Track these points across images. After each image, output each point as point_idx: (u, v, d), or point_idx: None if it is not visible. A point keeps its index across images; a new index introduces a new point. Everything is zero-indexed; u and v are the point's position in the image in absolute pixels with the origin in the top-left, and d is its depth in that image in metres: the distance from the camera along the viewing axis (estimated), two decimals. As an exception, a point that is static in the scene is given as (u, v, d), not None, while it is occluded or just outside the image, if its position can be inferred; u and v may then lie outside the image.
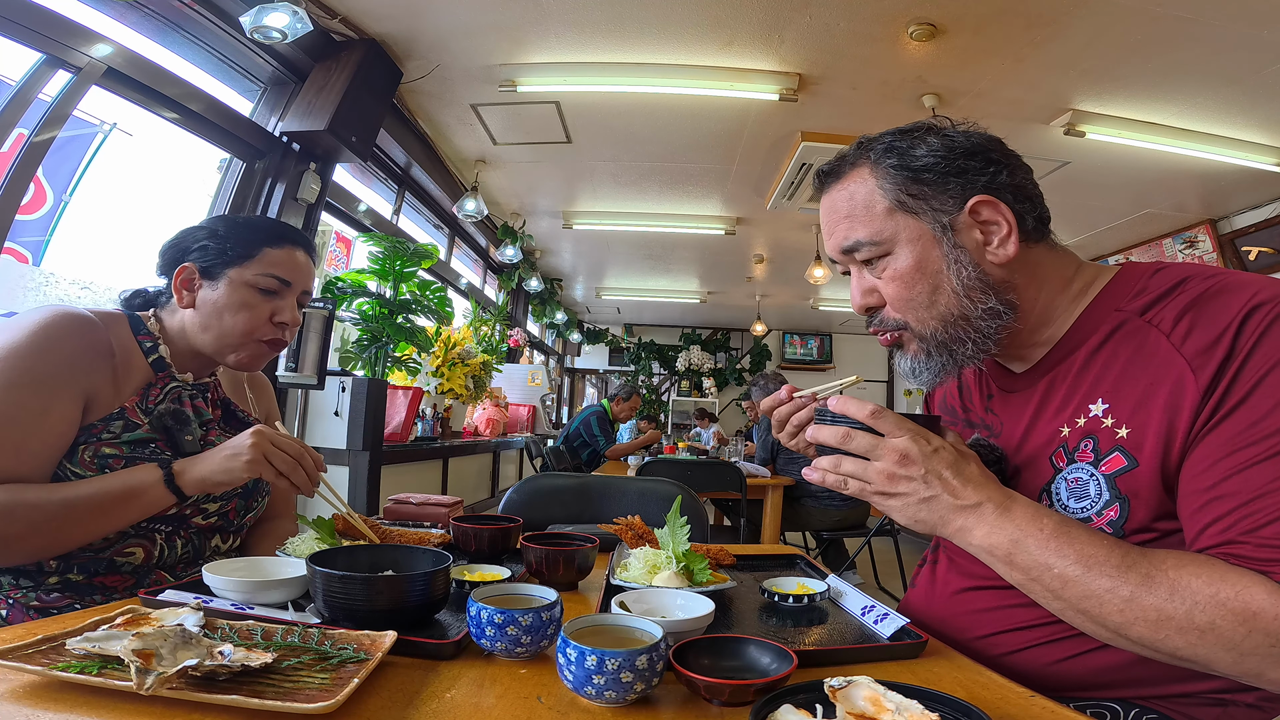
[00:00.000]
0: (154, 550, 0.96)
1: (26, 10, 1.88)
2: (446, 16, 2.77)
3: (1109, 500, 0.71)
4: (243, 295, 1.04)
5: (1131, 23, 2.58)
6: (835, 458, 0.73)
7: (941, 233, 0.77)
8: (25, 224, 2.18)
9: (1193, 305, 0.68)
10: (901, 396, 9.70)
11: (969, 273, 0.76)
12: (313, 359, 2.58)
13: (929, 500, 0.69)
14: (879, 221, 0.78)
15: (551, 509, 1.53)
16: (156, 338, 1.04)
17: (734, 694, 0.55)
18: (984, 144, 0.79)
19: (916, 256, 0.77)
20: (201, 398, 1.10)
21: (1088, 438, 0.73)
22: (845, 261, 0.84)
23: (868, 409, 0.71)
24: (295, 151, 2.87)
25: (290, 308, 1.08)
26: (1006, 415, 0.86)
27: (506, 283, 6.07)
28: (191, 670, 0.52)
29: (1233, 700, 0.70)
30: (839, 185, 0.82)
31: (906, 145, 0.78)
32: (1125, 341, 0.73)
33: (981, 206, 0.76)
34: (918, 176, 0.77)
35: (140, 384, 1.00)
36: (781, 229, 5.29)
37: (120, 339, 0.99)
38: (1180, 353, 0.67)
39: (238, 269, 1.04)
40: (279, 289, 1.07)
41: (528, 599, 0.72)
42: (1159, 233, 4.92)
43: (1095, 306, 0.78)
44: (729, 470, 3.31)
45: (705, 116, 3.51)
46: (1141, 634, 0.60)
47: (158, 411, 1.00)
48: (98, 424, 0.93)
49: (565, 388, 9.69)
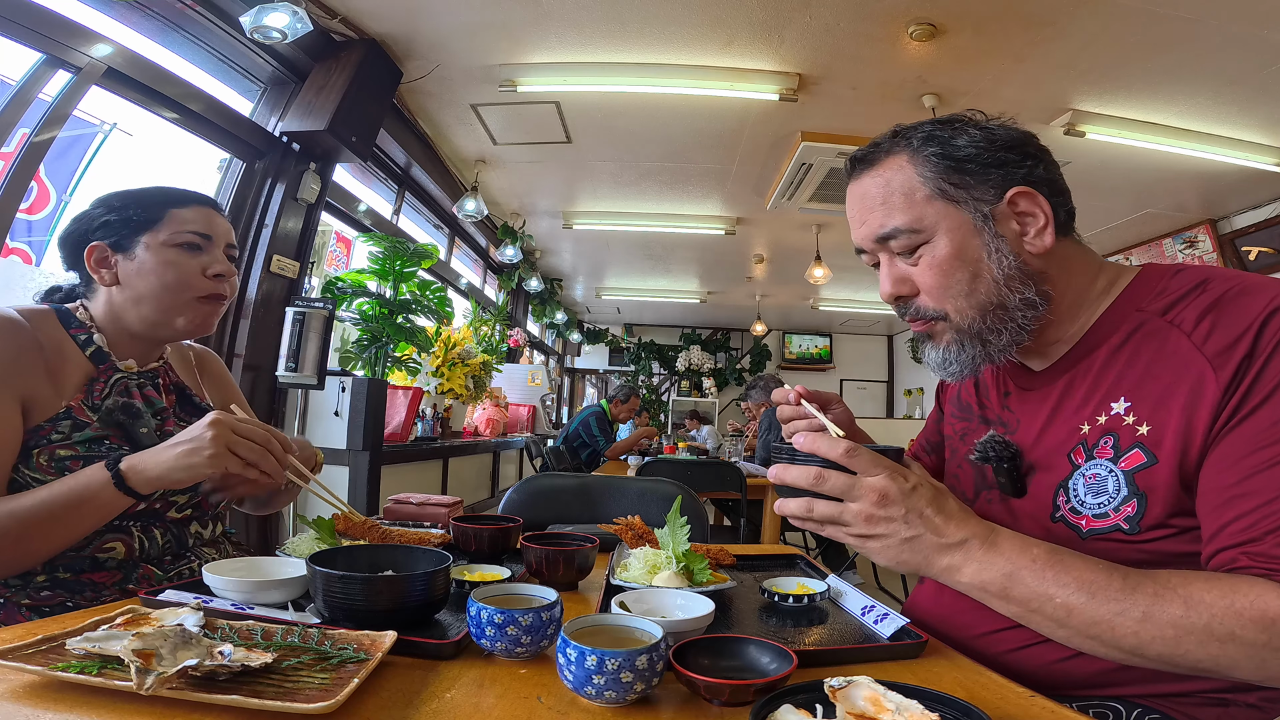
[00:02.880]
0: (133, 544, 0.94)
1: (26, 10, 1.88)
2: (446, 16, 2.77)
3: (1127, 496, 0.71)
4: (165, 255, 0.99)
5: (1131, 23, 2.58)
6: (805, 501, 0.69)
7: (982, 222, 0.77)
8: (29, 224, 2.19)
9: (1214, 306, 0.69)
10: (901, 396, 9.70)
11: (1009, 262, 0.76)
12: (313, 359, 2.58)
13: (911, 540, 0.66)
14: (918, 209, 0.77)
15: (551, 509, 1.53)
16: (90, 328, 1.00)
17: (734, 694, 0.55)
18: (1021, 138, 0.79)
19: (956, 245, 0.77)
20: (151, 386, 1.05)
21: (1108, 435, 0.73)
22: (876, 250, 0.83)
23: (841, 447, 0.67)
24: (295, 151, 2.87)
25: (219, 260, 1.03)
26: (1024, 412, 0.86)
27: (506, 283, 6.07)
28: (191, 670, 0.52)
29: (1234, 700, 0.70)
30: (872, 172, 0.81)
31: (948, 135, 0.78)
32: (1147, 341, 0.73)
33: (1020, 198, 0.76)
34: (960, 166, 0.77)
35: (82, 380, 0.96)
36: (781, 229, 5.30)
37: (49, 335, 0.95)
38: (1201, 352, 0.67)
39: (149, 234, 0.99)
40: (200, 243, 1.02)
41: (528, 599, 0.72)
42: (1159, 233, 4.92)
43: (1117, 306, 0.78)
44: (729, 470, 3.30)
45: (705, 116, 3.51)
46: (1161, 651, 0.60)
47: (105, 407, 0.95)
48: (45, 425, 0.90)
49: (565, 388, 9.69)
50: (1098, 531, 0.73)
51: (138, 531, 0.95)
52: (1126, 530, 0.71)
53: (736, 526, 3.72)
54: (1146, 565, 0.69)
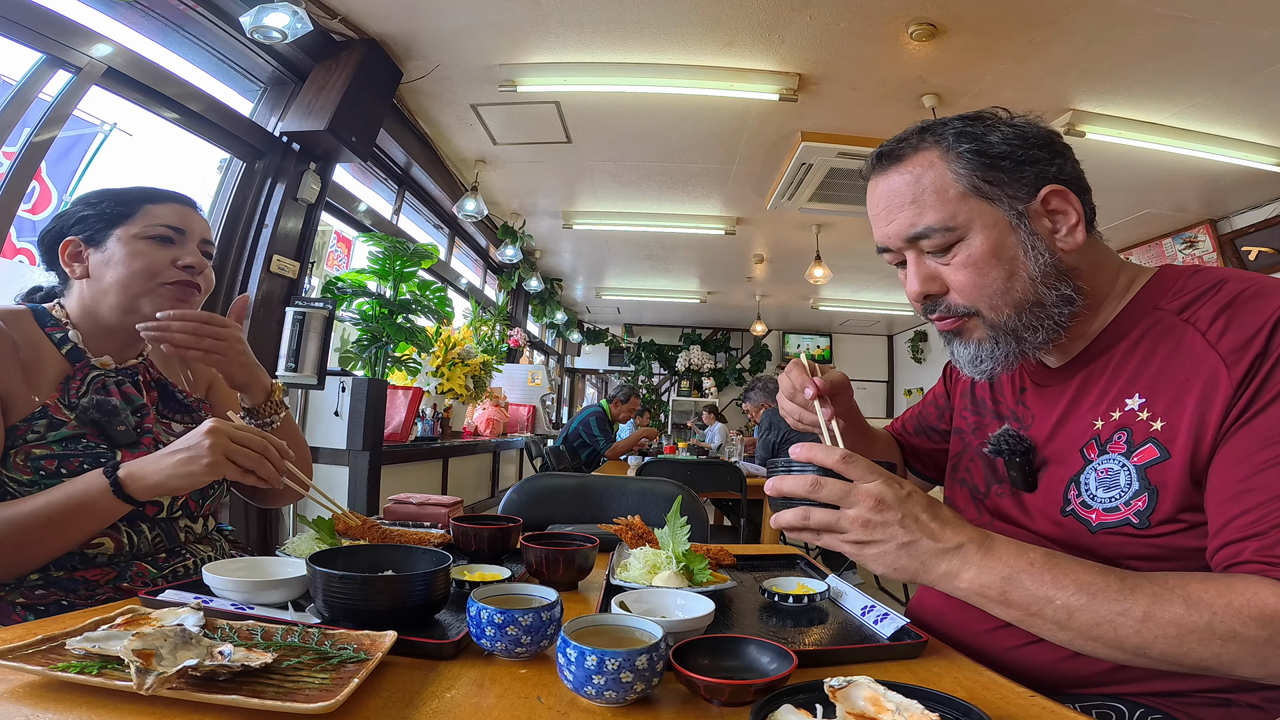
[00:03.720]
0: (121, 539, 0.94)
1: (26, 10, 1.88)
2: (446, 16, 2.77)
3: (1138, 490, 0.71)
4: (135, 246, 0.99)
5: (1132, 23, 2.58)
6: (802, 510, 0.69)
7: (1018, 220, 0.76)
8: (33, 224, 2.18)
9: (1229, 305, 0.70)
10: (902, 396, 9.70)
11: (1046, 259, 0.76)
12: (313, 359, 2.58)
13: (909, 545, 0.66)
14: (952, 206, 0.76)
15: (551, 509, 1.53)
16: (65, 325, 1.00)
17: (734, 694, 0.55)
18: (1049, 136, 0.79)
19: (993, 243, 0.76)
20: (130, 383, 1.05)
21: (1122, 430, 0.74)
22: (904, 249, 0.81)
23: (837, 455, 0.68)
24: (295, 151, 2.87)
25: (191, 252, 1.04)
26: (1039, 408, 0.86)
27: (506, 283, 6.07)
28: (191, 670, 0.52)
29: (1236, 700, 0.70)
30: (900, 168, 0.79)
31: (980, 131, 0.77)
32: (1163, 338, 0.74)
33: (1052, 196, 0.76)
34: (995, 163, 0.76)
35: (58, 378, 0.96)
36: (781, 229, 5.29)
37: (25, 333, 0.95)
38: (1215, 349, 0.68)
39: (123, 227, 1.00)
40: (173, 236, 1.02)
41: (528, 599, 0.72)
42: (1159, 233, 4.92)
43: (1135, 304, 0.79)
44: (729, 470, 3.30)
45: (705, 116, 3.51)
46: (1164, 650, 0.60)
47: (81, 405, 0.95)
48: (20, 425, 0.90)
49: (565, 388, 9.69)
50: (1108, 525, 0.73)
51: (125, 527, 0.95)
52: (1136, 524, 0.71)
53: (736, 526, 3.72)
54: (1155, 560, 0.70)
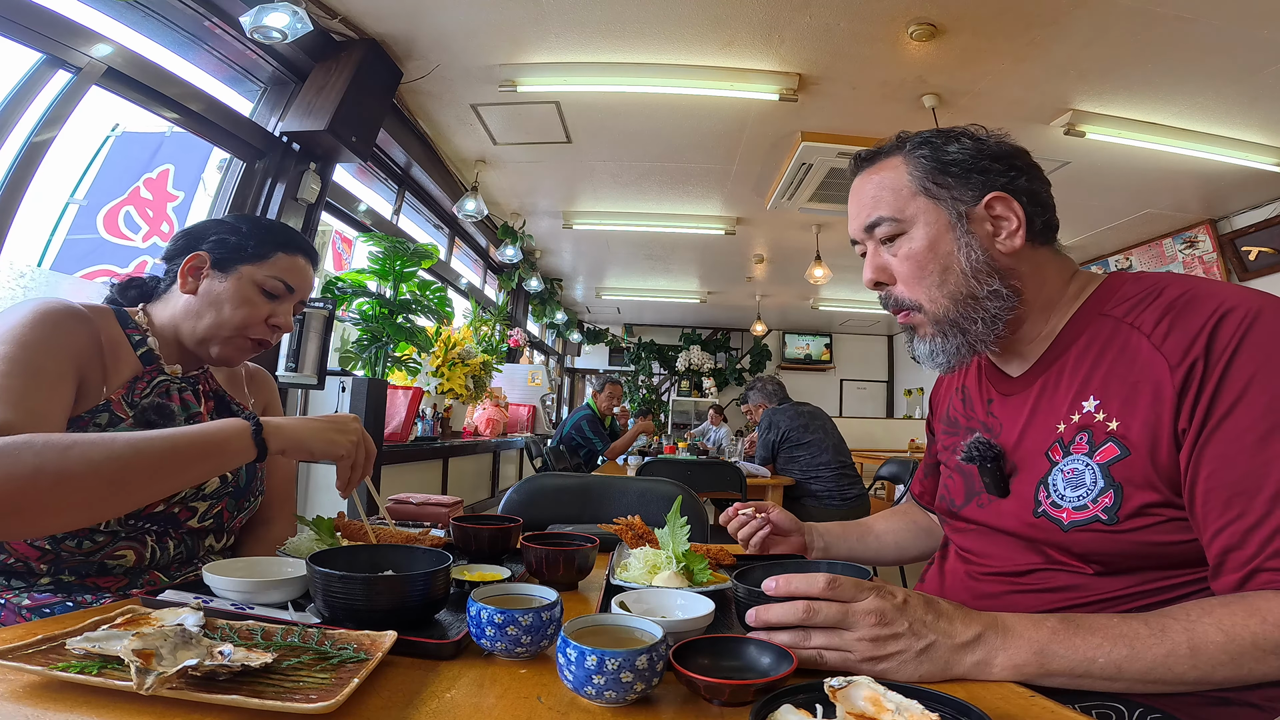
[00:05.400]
0: (145, 552, 0.95)
1: (26, 10, 1.88)
2: (446, 16, 2.77)
3: (1104, 488, 0.74)
4: (248, 292, 1.05)
5: (1131, 23, 2.58)
6: (799, 633, 0.65)
7: (957, 220, 0.84)
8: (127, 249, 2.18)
9: (1170, 309, 0.74)
10: (902, 396, 9.70)
11: (977, 256, 0.83)
12: (313, 359, 2.58)
13: (926, 650, 0.64)
14: (902, 202, 0.86)
15: (551, 509, 1.53)
16: (145, 331, 1.04)
17: (734, 694, 0.55)
18: (1011, 152, 0.87)
19: (931, 238, 0.84)
20: (190, 390, 1.09)
21: (1082, 431, 0.78)
22: (865, 239, 0.90)
23: (821, 582, 0.65)
24: (295, 151, 2.87)
25: (287, 313, 1.10)
26: (1005, 416, 0.90)
27: (506, 283, 6.07)
28: (191, 670, 0.52)
29: (1237, 699, 0.70)
30: (870, 171, 0.90)
31: (941, 141, 0.86)
32: (1110, 342, 0.79)
33: (996, 202, 0.84)
34: (945, 168, 0.85)
35: (128, 377, 0.99)
36: (781, 229, 5.30)
37: (108, 333, 0.99)
38: (1160, 352, 0.73)
39: (251, 266, 1.05)
40: (283, 294, 1.08)
41: (528, 599, 0.72)
42: (1159, 233, 4.92)
43: (1084, 310, 0.84)
44: (729, 470, 3.31)
45: (705, 116, 3.51)
46: (1228, 675, 0.62)
47: (141, 405, 0.99)
48: (84, 416, 0.92)
49: (565, 388, 9.69)
50: (1079, 523, 0.75)
51: (151, 541, 0.96)
52: (1105, 520, 0.74)
53: (736, 526, 3.72)
54: (1127, 554, 0.74)
